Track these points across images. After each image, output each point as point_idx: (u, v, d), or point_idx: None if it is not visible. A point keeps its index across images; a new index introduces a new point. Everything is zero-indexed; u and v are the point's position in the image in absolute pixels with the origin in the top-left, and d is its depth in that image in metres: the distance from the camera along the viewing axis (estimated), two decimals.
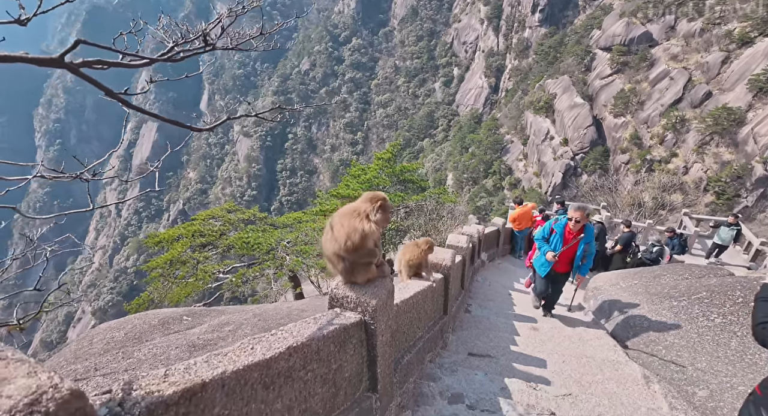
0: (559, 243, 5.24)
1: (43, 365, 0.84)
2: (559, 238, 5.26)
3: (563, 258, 5.28)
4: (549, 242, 5.37)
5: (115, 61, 1.79)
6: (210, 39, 1.69)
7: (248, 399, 1.42)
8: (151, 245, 9.70)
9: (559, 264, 5.33)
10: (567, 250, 5.20)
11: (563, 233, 5.25)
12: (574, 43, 52.93)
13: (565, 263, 5.36)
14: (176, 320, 5.79)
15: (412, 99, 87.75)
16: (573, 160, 42.47)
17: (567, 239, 5.23)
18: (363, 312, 2.18)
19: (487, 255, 9.52)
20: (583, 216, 5.06)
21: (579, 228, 5.14)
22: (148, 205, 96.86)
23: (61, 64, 1.36)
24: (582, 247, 5.20)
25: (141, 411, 1.04)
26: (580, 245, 5.18)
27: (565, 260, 5.32)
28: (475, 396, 2.96)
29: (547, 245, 5.36)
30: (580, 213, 5.05)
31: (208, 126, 1.88)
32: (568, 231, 5.22)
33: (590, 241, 5.22)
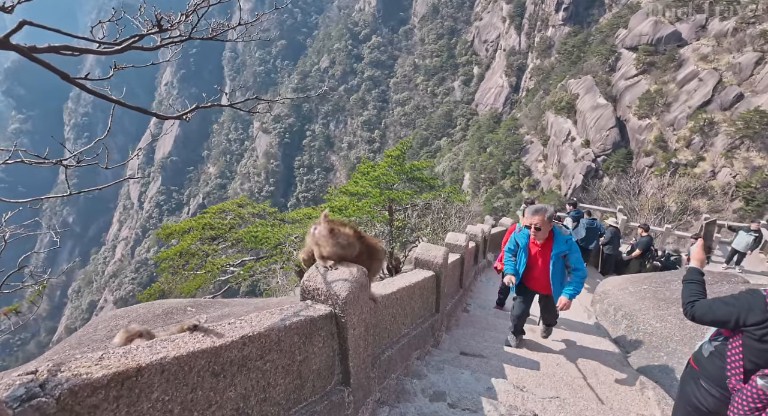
0: (524, 257, 4.12)
1: None
2: (523, 253, 4.14)
3: (539, 276, 4.12)
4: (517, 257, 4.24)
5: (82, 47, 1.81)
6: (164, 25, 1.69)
7: (194, 386, 1.41)
8: (163, 236, 9.93)
9: (536, 283, 4.21)
10: (537, 268, 4.09)
11: (527, 245, 4.11)
12: (599, 42, 51.63)
13: (543, 282, 4.15)
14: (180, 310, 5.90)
15: (431, 97, 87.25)
16: (594, 162, 41.46)
17: (534, 253, 4.10)
18: (333, 304, 2.15)
19: (493, 255, 9.37)
20: (544, 221, 3.87)
21: (545, 237, 4.00)
22: (169, 199, 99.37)
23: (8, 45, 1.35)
24: (554, 261, 3.97)
25: (62, 392, 1.04)
26: (552, 258, 3.96)
27: (541, 279, 4.13)
28: (457, 395, 2.91)
29: (511, 262, 4.27)
30: (539, 218, 3.87)
31: (177, 114, 1.88)
32: (534, 243, 4.08)
33: (568, 253, 3.97)
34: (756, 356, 1.79)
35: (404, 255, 12.37)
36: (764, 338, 1.75)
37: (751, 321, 1.81)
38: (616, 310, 5.75)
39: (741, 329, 1.86)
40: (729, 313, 1.95)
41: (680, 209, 25.57)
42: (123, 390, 1.18)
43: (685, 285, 2.30)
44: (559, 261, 3.95)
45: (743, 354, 1.84)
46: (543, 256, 4.05)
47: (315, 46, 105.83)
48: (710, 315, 2.03)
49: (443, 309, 4.21)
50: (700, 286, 2.23)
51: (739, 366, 1.85)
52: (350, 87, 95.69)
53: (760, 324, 1.77)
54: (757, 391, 1.72)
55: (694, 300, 2.16)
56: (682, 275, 6.81)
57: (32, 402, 0.99)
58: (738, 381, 1.84)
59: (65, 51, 1.68)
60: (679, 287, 5.99)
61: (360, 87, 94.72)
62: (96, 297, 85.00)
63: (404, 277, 3.48)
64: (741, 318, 1.88)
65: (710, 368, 2.01)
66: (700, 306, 2.09)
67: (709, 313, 2.04)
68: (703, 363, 2.07)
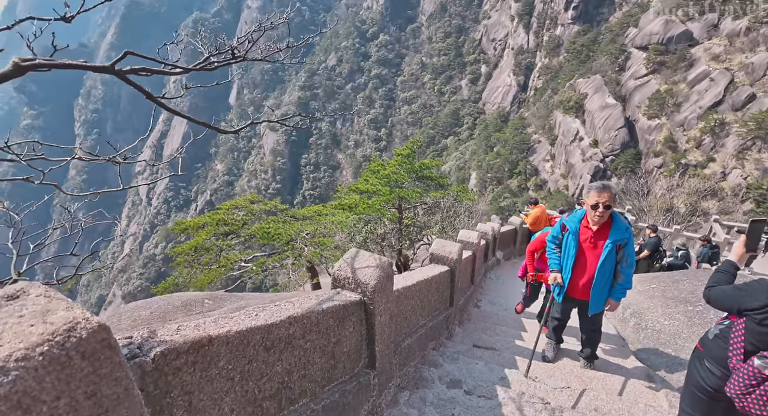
0: (573, 247, 3.43)
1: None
2: (573, 239, 3.43)
3: (582, 270, 3.44)
4: (562, 248, 3.57)
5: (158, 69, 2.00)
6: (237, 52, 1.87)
7: (250, 358, 1.59)
8: (178, 231, 10.18)
9: (575, 284, 3.50)
10: (587, 259, 3.40)
11: (578, 230, 3.42)
12: (608, 41, 51.30)
13: (586, 280, 3.44)
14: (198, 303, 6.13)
15: (438, 96, 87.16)
16: (602, 162, 41.30)
17: (584, 240, 3.40)
18: (363, 292, 2.33)
19: (502, 254, 9.51)
20: (611, 199, 3.24)
21: (605, 221, 3.32)
22: (177, 195, 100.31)
23: (113, 71, 1.55)
24: (610, 250, 3.29)
25: (156, 354, 1.23)
26: (606, 246, 3.29)
27: (585, 275, 3.43)
28: (473, 383, 3.07)
29: (556, 256, 3.62)
30: (609, 195, 3.22)
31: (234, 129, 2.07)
32: (586, 228, 3.39)
33: (625, 244, 3.34)
34: (756, 339, 1.94)
35: (413, 253, 12.54)
36: (764, 322, 1.90)
37: (753, 306, 1.96)
38: (625, 308, 5.87)
39: (744, 313, 2.01)
40: (735, 297, 2.10)
41: (689, 210, 25.47)
42: (198, 357, 1.36)
43: (715, 273, 2.40)
44: (612, 253, 3.31)
45: (745, 336, 1.99)
46: (595, 245, 3.37)
47: (322, 45, 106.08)
48: (722, 299, 2.18)
49: (457, 303, 4.37)
50: (728, 277, 2.33)
51: (740, 348, 2.00)
52: (357, 85, 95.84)
53: (761, 309, 1.93)
54: (753, 370, 1.88)
55: (714, 286, 2.30)
56: (690, 274, 6.89)
57: (135, 360, 1.18)
58: (738, 361, 1.99)
59: (142, 72, 1.89)
60: (688, 287, 6.11)
61: (367, 85, 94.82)
62: (105, 291, 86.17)
63: (422, 271, 3.65)
64: (745, 302, 2.02)
65: (714, 349, 2.17)
66: (717, 290, 2.24)
67: (722, 297, 2.19)
68: (707, 345, 2.23)
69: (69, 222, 2.00)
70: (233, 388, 1.52)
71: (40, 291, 1.01)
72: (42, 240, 1.88)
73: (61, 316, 0.94)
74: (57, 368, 0.89)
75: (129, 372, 1.07)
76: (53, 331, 0.91)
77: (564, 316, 3.99)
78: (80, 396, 0.94)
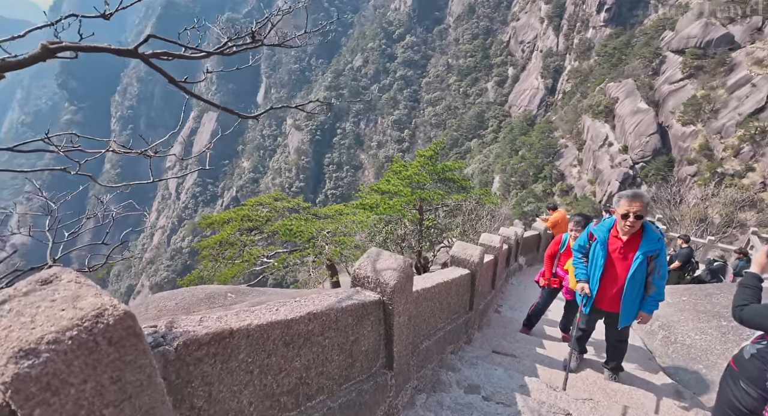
0: (601, 257, 3.29)
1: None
2: (601, 249, 3.30)
3: (610, 282, 3.29)
4: (590, 258, 3.43)
5: (179, 53, 2.05)
6: (258, 36, 1.89)
7: (269, 352, 1.60)
8: (204, 226, 10.45)
9: (603, 295, 3.36)
10: (616, 270, 3.26)
11: (607, 240, 3.29)
12: (643, 44, 49.65)
13: (615, 291, 3.29)
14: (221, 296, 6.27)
15: (463, 98, 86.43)
16: (632, 169, 39.96)
17: (613, 250, 3.26)
18: (382, 292, 2.31)
19: (525, 259, 9.32)
20: (644, 208, 3.09)
21: (636, 231, 3.18)
22: (204, 190, 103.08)
23: (135, 54, 1.60)
24: (641, 261, 3.14)
25: (179, 344, 1.25)
26: (637, 259, 3.14)
27: (614, 286, 3.28)
28: (491, 389, 3.01)
29: (583, 265, 3.49)
30: (640, 205, 3.08)
31: (254, 114, 2.10)
32: (616, 238, 3.26)
33: (657, 256, 3.17)
34: None
35: (432, 255, 12.45)
36: None
37: None
38: (653, 320, 5.64)
39: None
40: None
41: (725, 221, 24.28)
42: (219, 348, 1.38)
43: (740, 289, 2.30)
44: (642, 265, 3.15)
45: None
46: (625, 255, 3.23)
47: (349, 45, 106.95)
48: (757, 318, 2.09)
49: (476, 307, 4.30)
50: (755, 292, 2.24)
51: None
52: (382, 86, 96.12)
53: None
54: None
55: (744, 305, 2.20)
56: (724, 288, 6.57)
57: (159, 349, 1.20)
58: None
59: (163, 56, 1.93)
60: (722, 301, 5.83)
61: (392, 86, 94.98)
62: (134, 281, 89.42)
63: (442, 273, 3.60)
64: None
65: (750, 369, 2.06)
66: (749, 309, 2.14)
67: (756, 316, 2.10)
68: (743, 365, 2.11)
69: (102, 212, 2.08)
70: (252, 381, 1.53)
71: (72, 277, 1.04)
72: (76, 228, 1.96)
73: (90, 302, 0.97)
74: (85, 352, 0.91)
75: (153, 360, 1.09)
76: (82, 316, 0.93)
77: (589, 327, 3.85)
78: (106, 381, 0.96)
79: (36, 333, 0.86)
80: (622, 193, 3.23)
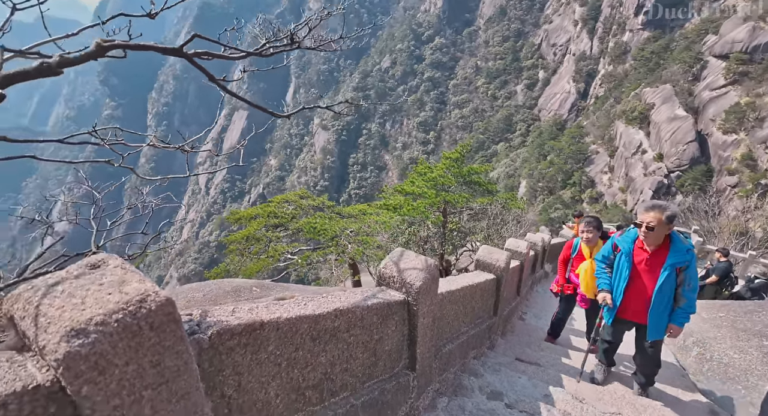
0: (626, 268, 3.22)
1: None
2: (626, 261, 3.23)
3: (637, 294, 3.20)
4: (614, 269, 3.36)
5: (218, 53, 2.11)
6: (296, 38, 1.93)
7: (297, 346, 1.62)
8: (232, 221, 10.72)
9: (629, 306, 3.27)
10: (642, 282, 3.16)
11: (632, 252, 3.21)
12: (683, 48, 47.61)
13: (642, 303, 3.19)
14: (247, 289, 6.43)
15: (491, 101, 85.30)
16: (667, 178, 38.38)
17: (639, 262, 3.18)
18: (407, 292, 2.31)
19: (552, 267, 9.10)
20: (661, 220, 2.99)
21: (661, 242, 3.09)
22: (233, 186, 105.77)
23: (180, 53, 1.66)
24: (668, 274, 3.04)
25: (213, 333, 1.28)
26: (665, 271, 3.04)
27: (641, 298, 3.19)
28: (514, 397, 2.95)
29: (606, 275, 3.40)
30: (654, 216, 2.99)
31: (287, 113, 2.14)
32: (641, 249, 3.18)
33: (687, 267, 3.07)
34: None
35: (455, 258, 12.32)
36: None
37: None
38: (687, 336, 5.39)
39: None
40: None
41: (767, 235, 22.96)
42: (250, 339, 1.41)
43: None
44: (671, 277, 3.05)
45: None
46: (651, 267, 3.13)
47: (378, 47, 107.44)
48: None
49: (501, 313, 4.23)
50: None
51: None
52: (409, 87, 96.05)
53: None
54: None
55: None
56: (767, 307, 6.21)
57: (194, 337, 1.23)
58: None
59: (205, 56, 2.00)
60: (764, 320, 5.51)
61: (419, 88, 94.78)
62: (163, 272, 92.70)
63: (467, 277, 3.56)
64: None
65: None
66: None
67: None
68: None
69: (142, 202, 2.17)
70: (279, 374, 1.56)
71: (118, 262, 1.09)
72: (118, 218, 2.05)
73: (134, 288, 1.01)
74: (128, 335, 0.95)
75: (189, 346, 1.13)
76: (127, 301, 0.97)
77: (615, 339, 3.72)
78: (146, 364, 1.00)
79: (86, 315, 0.91)
80: (642, 203, 3.24)
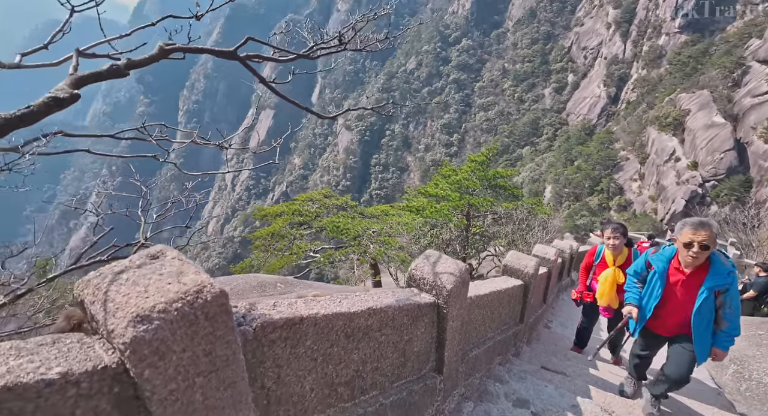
0: (659, 287, 3.06)
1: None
2: (659, 280, 3.06)
3: (673, 315, 3.06)
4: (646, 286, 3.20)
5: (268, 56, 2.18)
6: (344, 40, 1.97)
7: (332, 342, 1.65)
8: (259, 217, 10.95)
9: (663, 323, 3.14)
10: (675, 303, 3.02)
11: (666, 271, 3.04)
12: (723, 53, 45.62)
13: (677, 321, 3.06)
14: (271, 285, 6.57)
15: (517, 104, 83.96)
16: (701, 187, 36.79)
17: (674, 283, 3.00)
18: (437, 295, 2.31)
19: (578, 275, 8.87)
20: (712, 238, 2.77)
21: (701, 263, 2.85)
22: (257, 184, 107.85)
23: (234, 56, 1.72)
24: (705, 297, 2.85)
25: (257, 325, 1.32)
26: (702, 294, 2.86)
27: (676, 316, 3.05)
28: (541, 405, 2.90)
29: (636, 289, 3.25)
30: (707, 234, 2.75)
31: (332, 115, 2.19)
32: (677, 270, 2.99)
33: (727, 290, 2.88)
34: None
35: (477, 263, 12.19)
36: None
37: None
38: None
39: None
40: None
41: None
42: (290, 333, 1.44)
43: None
44: (709, 299, 2.87)
45: None
46: (687, 289, 2.96)
47: (404, 48, 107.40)
48: None
49: (527, 320, 4.17)
50: None
51: None
52: (434, 89, 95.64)
53: None
54: None
55: None
56: None
57: (240, 328, 1.28)
58: None
59: (255, 59, 2.07)
60: None
61: (444, 90, 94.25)
62: None
63: (494, 282, 3.53)
64: None
65: None
66: None
67: None
68: None
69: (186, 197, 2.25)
70: (315, 369, 1.59)
71: (175, 254, 1.14)
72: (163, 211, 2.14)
73: (191, 279, 1.06)
74: (186, 324, 0.99)
75: (237, 337, 1.17)
76: (186, 291, 1.02)
77: (646, 354, 3.52)
78: (200, 352, 1.04)
79: (149, 302, 0.95)
80: (687, 219, 2.92)
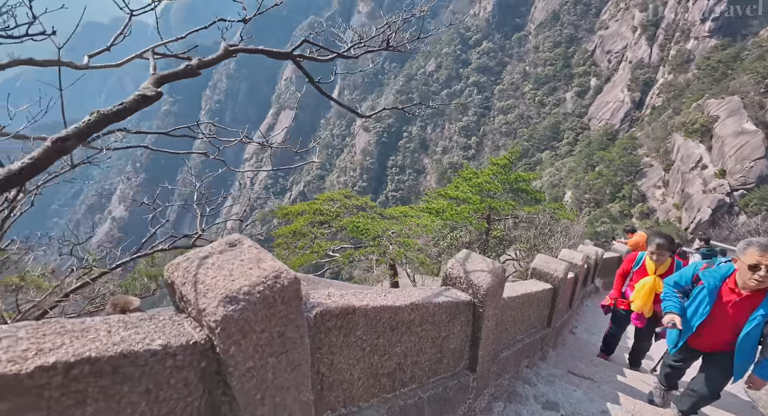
0: (707, 305, 2.97)
1: None
2: (708, 297, 2.96)
3: (718, 333, 3.00)
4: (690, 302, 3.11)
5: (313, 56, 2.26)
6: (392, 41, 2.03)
7: (378, 333, 1.71)
8: (280, 215, 11.14)
9: (704, 341, 3.10)
10: (726, 323, 2.93)
11: (718, 290, 2.94)
12: (756, 58, 44.09)
13: (721, 340, 3.00)
14: None
15: (538, 107, 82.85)
16: (729, 196, 35.59)
17: (726, 302, 2.91)
18: (474, 294, 2.35)
19: (602, 282, 8.75)
20: None
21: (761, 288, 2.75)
22: (276, 183, 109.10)
23: (289, 56, 1.80)
24: (757, 323, 2.78)
25: (317, 313, 1.39)
26: (754, 319, 2.78)
27: (721, 336, 3.00)
28: (571, 409, 2.91)
29: (677, 299, 3.13)
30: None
31: (368, 114, 2.26)
32: (731, 290, 2.90)
33: None
34: None
35: None
36: None
37: None
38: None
39: None
40: None
41: None
42: (344, 322, 1.51)
43: None
44: (760, 326, 2.79)
45: None
46: (738, 311, 2.87)
47: (423, 50, 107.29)
48: None
49: (554, 324, 4.15)
50: None
51: None
52: (453, 92, 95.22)
53: None
54: None
55: None
56: None
57: (304, 315, 1.35)
58: None
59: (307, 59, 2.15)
60: None
61: (463, 92, 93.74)
62: None
63: (524, 285, 3.54)
64: None
65: None
66: None
67: None
68: None
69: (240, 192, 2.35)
70: (363, 358, 1.66)
71: (251, 243, 1.22)
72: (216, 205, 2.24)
73: (269, 265, 1.13)
74: (265, 306, 1.07)
75: (305, 322, 1.24)
76: (266, 276, 1.09)
77: (680, 364, 3.45)
78: (275, 334, 1.12)
79: (236, 285, 1.03)
80: (752, 239, 2.81)
